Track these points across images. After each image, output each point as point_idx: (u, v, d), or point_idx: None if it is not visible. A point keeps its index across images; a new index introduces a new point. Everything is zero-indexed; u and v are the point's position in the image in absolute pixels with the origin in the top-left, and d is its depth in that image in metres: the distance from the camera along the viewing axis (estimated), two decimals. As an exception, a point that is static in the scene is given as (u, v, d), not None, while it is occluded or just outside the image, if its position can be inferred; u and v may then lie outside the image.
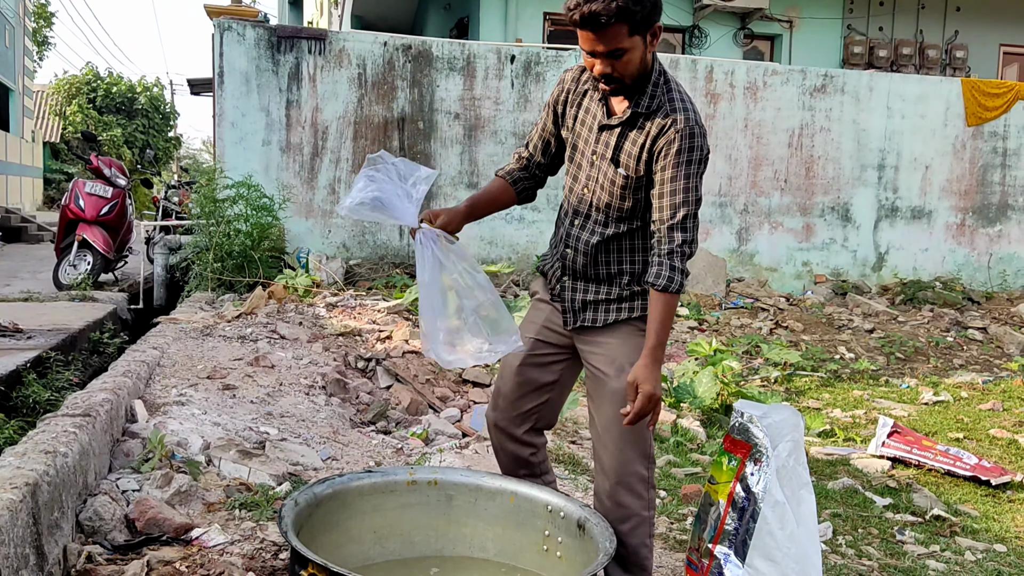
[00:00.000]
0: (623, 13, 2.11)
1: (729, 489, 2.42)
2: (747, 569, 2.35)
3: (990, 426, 5.63)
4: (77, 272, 8.67)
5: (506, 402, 2.59)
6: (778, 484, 2.35)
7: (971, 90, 10.63)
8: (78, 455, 2.80)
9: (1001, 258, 10.90)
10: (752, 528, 2.35)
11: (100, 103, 24.90)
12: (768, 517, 2.33)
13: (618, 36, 2.15)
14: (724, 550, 2.40)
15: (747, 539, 2.35)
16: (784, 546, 2.32)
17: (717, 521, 2.44)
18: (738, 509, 2.39)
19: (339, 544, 2.43)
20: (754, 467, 2.39)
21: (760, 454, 2.39)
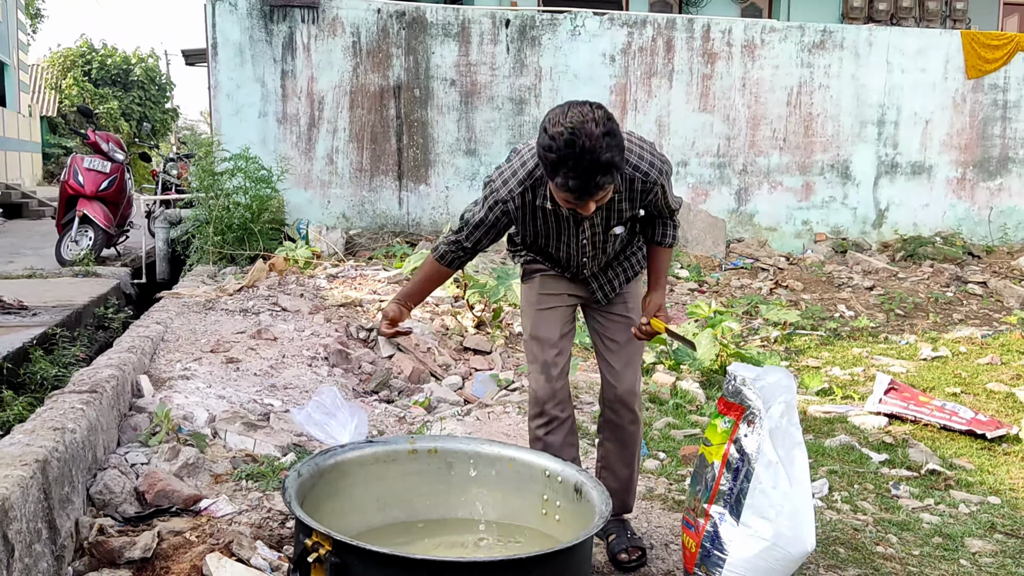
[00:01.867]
0: (613, 178, 2.21)
1: (723, 451, 2.48)
2: (742, 527, 2.41)
3: (988, 380, 5.68)
4: (79, 248, 8.71)
5: (559, 369, 2.74)
6: (771, 444, 2.41)
7: (971, 42, 10.53)
8: (86, 431, 2.86)
9: (1002, 211, 10.89)
10: (746, 488, 2.41)
11: (95, 76, 24.74)
12: (762, 477, 2.39)
13: (608, 190, 2.26)
14: (719, 509, 2.46)
15: (741, 498, 2.41)
16: (778, 504, 2.38)
17: (712, 481, 2.49)
18: (732, 470, 2.44)
19: (343, 512, 2.50)
20: (747, 428, 2.44)
21: (753, 416, 2.44)
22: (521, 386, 4.81)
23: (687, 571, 2.58)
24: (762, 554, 2.39)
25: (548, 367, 2.72)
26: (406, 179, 9.35)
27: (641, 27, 9.71)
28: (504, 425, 4.07)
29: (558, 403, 2.74)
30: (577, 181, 2.15)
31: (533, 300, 2.77)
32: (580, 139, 2.11)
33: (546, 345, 2.73)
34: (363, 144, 9.21)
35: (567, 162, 2.13)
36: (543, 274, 2.77)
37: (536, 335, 2.75)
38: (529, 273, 2.81)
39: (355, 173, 9.22)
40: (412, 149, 9.32)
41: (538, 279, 2.78)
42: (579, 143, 2.11)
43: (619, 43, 9.66)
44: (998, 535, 3.28)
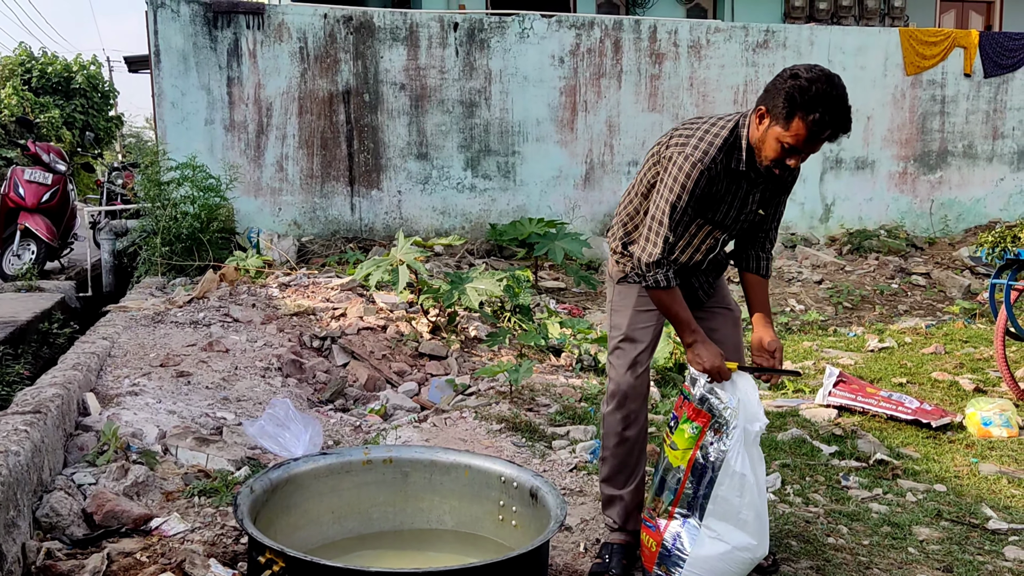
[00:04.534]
0: (848, 128, 2.45)
1: (690, 456, 2.52)
2: (704, 529, 2.46)
3: (932, 369, 5.83)
4: (21, 262, 8.49)
5: (644, 368, 2.80)
6: (740, 457, 2.47)
7: (909, 39, 10.80)
8: (31, 453, 2.79)
9: (942, 204, 11.18)
10: (709, 493, 2.48)
11: (36, 84, 24.12)
12: (725, 484, 2.46)
13: (820, 145, 2.46)
14: (683, 512, 2.52)
15: (704, 503, 2.48)
16: (740, 511, 2.47)
17: (677, 485, 2.53)
18: (697, 475, 2.50)
19: (297, 526, 2.48)
20: (714, 436, 2.50)
21: (720, 426, 2.49)
22: (478, 390, 4.81)
23: (646, 570, 2.61)
24: (722, 556, 2.46)
25: (636, 365, 2.78)
26: (358, 184, 9.28)
27: (589, 29, 9.77)
28: (461, 430, 4.06)
29: (640, 398, 2.80)
30: (834, 116, 2.37)
31: (632, 300, 2.81)
32: (837, 82, 2.40)
33: (639, 343, 2.79)
34: (313, 150, 9.12)
35: (828, 99, 2.36)
36: (624, 282, 2.84)
37: (631, 334, 2.80)
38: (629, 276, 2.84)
39: (306, 180, 9.13)
40: (363, 154, 9.26)
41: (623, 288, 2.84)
42: (837, 84, 2.39)
43: (567, 45, 9.71)
44: (944, 522, 3.37)
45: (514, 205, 9.65)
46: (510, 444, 3.87)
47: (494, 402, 4.48)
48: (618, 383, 2.79)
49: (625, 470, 2.83)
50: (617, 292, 2.88)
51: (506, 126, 9.60)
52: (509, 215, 9.59)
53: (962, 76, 11.03)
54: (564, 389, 4.88)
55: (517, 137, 9.63)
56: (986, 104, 11.16)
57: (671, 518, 2.53)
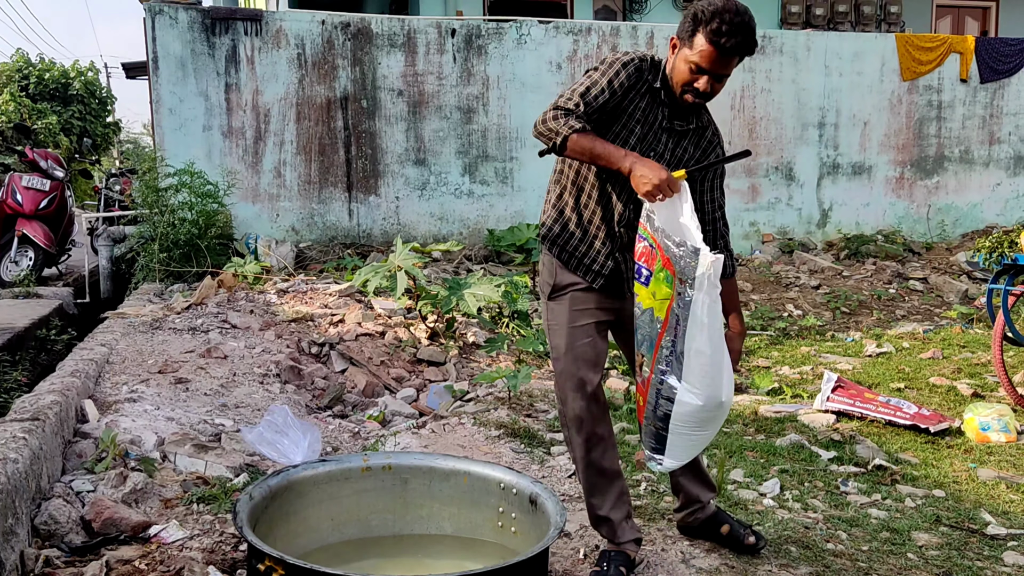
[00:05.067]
0: (751, 53, 2.48)
1: (667, 307, 2.41)
2: (684, 383, 2.39)
3: (930, 374, 5.84)
4: (19, 269, 8.48)
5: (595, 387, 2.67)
6: (702, 308, 2.35)
7: (905, 45, 10.84)
8: (29, 460, 2.79)
9: (939, 209, 11.20)
10: (682, 347, 2.38)
11: (33, 90, 24.12)
12: (696, 338, 2.36)
13: (731, 65, 2.47)
14: (663, 367, 2.44)
15: (681, 357, 2.39)
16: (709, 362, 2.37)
17: (655, 336, 2.45)
18: (672, 329, 2.40)
19: (297, 533, 2.48)
20: (680, 285, 2.38)
21: (684, 276, 2.37)
22: (476, 396, 4.81)
23: (639, 423, 2.60)
24: (701, 408, 2.39)
25: (585, 385, 2.63)
26: (355, 190, 9.29)
27: (586, 35, 9.79)
28: (460, 436, 4.06)
29: (595, 419, 2.67)
30: (733, 28, 2.38)
31: (564, 318, 2.67)
32: (739, 3, 2.43)
33: (582, 361, 2.64)
34: (311, 156, 9.13)
35: (727, 13, 2.39)
36: (574, 290, 2.68)
37: (572, 352, 2.65)
38: (558, 290, 2.70)
39: (304, 185, 9.13)
40: (361, 160, 9.27)
41: (568, 297, 2.69)
42: (739, 4, 2.43)
43: (565, 51, 9.73)
44: (943, 528, 3.37)
45: (512, 211, 9.66)
46: (509, 450, 3.86)
47: (493, 408, 4.48)
48: (571, 408, 2.66)
49: (600, 490, 2.73)
50: (548, 310, 2.73)
51: (504, 132, 9.61)
52: (507, 221, 9.60)
53: (958, 81, 11.07)
54: (562, 395, 4.87)
55: (515, 143, 9.64)
56: (982, 109, 11.20)
57: (652, 371, 2.45)
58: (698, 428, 2.44)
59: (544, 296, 2.76)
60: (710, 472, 3.80)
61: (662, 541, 3.00)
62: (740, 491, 3.62)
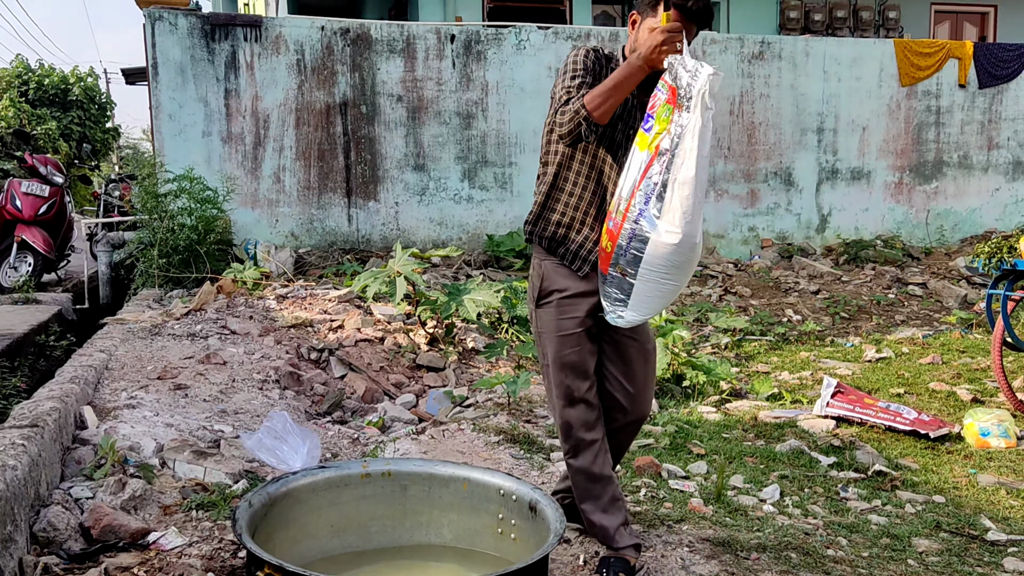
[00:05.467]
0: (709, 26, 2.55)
1: (658, 138, 2.37)
2: (662, 222, 2.34)
3: (930, 380, 5.84)
4: (18, 274, 8.48)
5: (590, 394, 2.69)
6: (697, 131, 2.31)
7: (903, 50, 10.86)
8: (28, 467, 2.78)
9: (938, 214, 11.22)
10: (667, 179, 2.34)
11: (32, 96, 24.14)
12: (684, 165, 2.32)
13: (693, 35, 2.50)
14: (640, 205, 2.38)
15: (663, 190, 2.34)
16: (690, 199, 2.32)
17: (640, 172, 2.40)
18: (660, 160, 2.35)
19: (296, 540, 2.47)
20: (677, 114, 2.35)
21: (682, 96, 2.34)
22: (476, 402, 4.81)
23: (602, 272, 2.54)
24: (676, 250, 2.34)
25: (571, 392, 2.66)
26: (355, 196, 9.29)
27: (585, 40, 9.81)
28: (459, 442, 4.05)
29: (587, 426, 2.69)
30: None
31: (552, 326, 2.69)
32: None
33: (572, 370, 2.66)
34: (310, 162, 9.13)
35: None
36: (560, 297, 2.69)
37: (562, 361, 2.67)
38: (544, 296, 2.72)
39: (303, 191, 9.14)
40: (360, 165, 9.28)
41: (555, 304, 2.69)
42: None
43: (564, 56, 9.73)
44: (943, 534, 3.36)
45: (511, 216, 9.66)
46: (508, 456, 3.86)
47: (492, 414, 4.47)
48: (560, 415, 2.69)
49: (592, 496, 2.74)
50: (536, 317, 2.74)
51: (503, 137, 9.62)
52: (506, 226, 9.61)
53: (957, 87, 11.09)
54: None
55: (514, 148, 9.65)
56: (981, 115, 11.22)
57: (625, 218, 2.40)
58: (668, 275, 2.38)
59: (533, 304, 2.78)
60: (710, 478, 3.80)
61: (662, 547, 2.99)
62: (740, 497, 3.62)
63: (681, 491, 3.62)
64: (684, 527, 3.20)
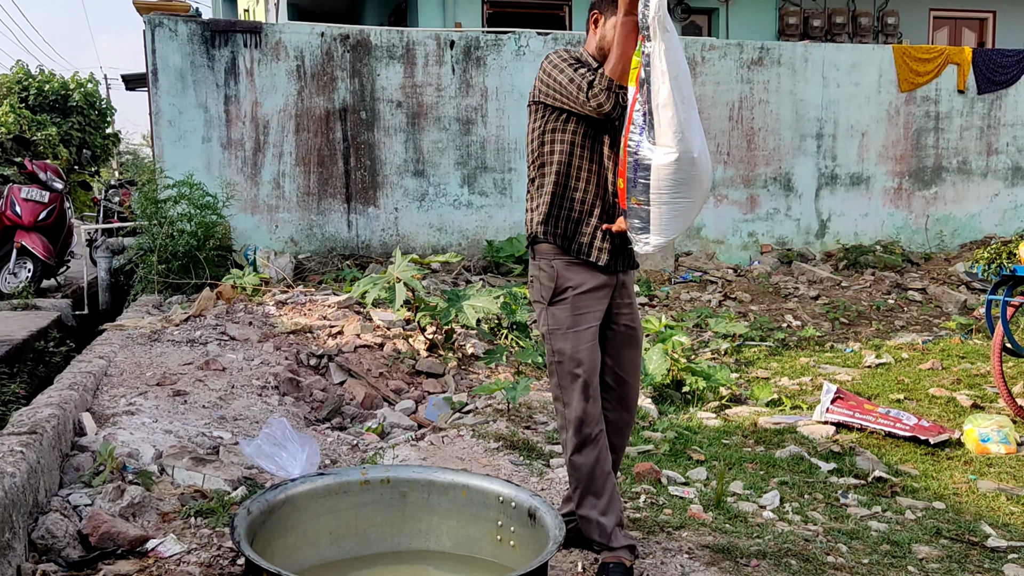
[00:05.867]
0: None
1: (637, 73, 2.47)
2: (658, 147, 2.45)
3: (929, 385, 5.83)
4: (18, 280, 8.48)
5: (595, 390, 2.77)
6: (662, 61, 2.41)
7: (902, 56, 10.87)
8: (26, 474, 2.78)
9: (938, 219, 11.22)
10: (650, 108, 2.43)
11: (33, 102, 24.16)
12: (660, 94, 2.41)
13: None
14: (636, 137, 2.48)
15: (650, 119, 2.44)
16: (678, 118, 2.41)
17: (628, 107, 2.52)
18: (643, 92, 2.44)
19: (295, 547, 2.47)
20: (643, 45, 2.45)
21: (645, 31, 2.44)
22: (475, 408, 4.80)
23: (621, 207, 2.65)
24: (676, 167, 2.44)
25: (589, 388, 2.74)
26: (354, 201, 9.30)
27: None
28: (458, 449, 4.05)
29: (597, 421, 2.78)
30: None
31: (568, 322, 2.75)
32: None
33: (586, 366, 2.74)
34: (310, 167, 9.14)
35: None
36: (574, 293, 2.76)
37: (578, 357, 2.73)
38: (559, 293, 2.77)
39: (303, 197, 9.14)
40: (360, 171, 9.28)
41: (570, 301, 2.76)
42: None
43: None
44: (944, 540, 3.36)
45: (511, 222, 9.67)
46: (508, 462, 3.85)
47: (491, 420, 4.47)
48: (574, 410, 2.73)
49: (595, 492, 2.78)
50: (550, 315, 2.79)
51: (502, 143, 9.63)
52: (506, 232, 9.61)
53: (956, 93, 11.10)
54: (562, 407, 4.87)
55: (513, 154, 9.66)
56: (980, 120, 11.23)
57: (626, 152, 2.52)
58: (678, 193, 2.48)
59: (544, 303, 2.81)
60: (709, 484, 3.80)
61: (662, 554, 2.99)
62: (740, 503, 3.61)
63: (681, 497, 3.62)
64: (684, 533, 3.20)
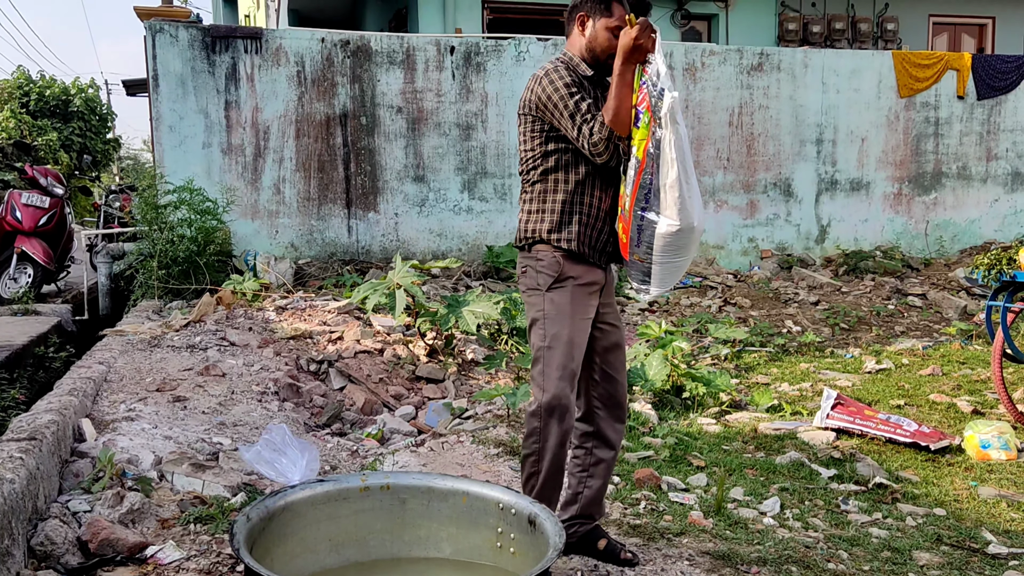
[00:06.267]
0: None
1: (644, 145, 2.60)
2: (662, 217, 2.60)
3: (930, 391, 5.83)
4: (18, 286, 8.48)
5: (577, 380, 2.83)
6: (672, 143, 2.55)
7: (902, 62, 10.89)
8: (25, 480, 2.78)
9: (937, 225, 11.22)
10: (657, 181, 2.58)
11: (34, 107, 24.19)
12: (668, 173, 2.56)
13: None
14: (642, 203, 2.63)
15: (657, 191, 2.59)
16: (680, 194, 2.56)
17: (635, 172, 2.63)
18: (650, 164, 2.58)
19: (294, 555, 2.46)
20: (655, 126, 2.57)
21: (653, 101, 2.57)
22: (475, 414, 4.80)
23: (623, 258, 2.79)
24: (678, 235, 2.59)
25: (574, 375, 2.78)
26: (355, 207, 9.30)
27: (584, 52, 9.83)
28: (459, 455, 4.04)
29: (572, 412, 2.82)
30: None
31: (567, 309, 2.78)
32: None
33: (577, 352, 2.78)
34: (310, 173, 9.15)
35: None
36: (575, 284, 2.79)
37: (572, 341, 2.77)
38: (560, 280, 2.80)
39: (303, 202, 9.15)
40: (360, 177, 9.29)
41: (570, 289, 2.79)
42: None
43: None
44: (944, 547, 3.35)
45: (511, 227, 9.67)
46: (508, 468, 3.85)
47: (491, 426, 4.46)
48: (555, 396, 2.74)
49: (556, 486, 2.84)
50: (547, 300, 2.81)
51: (502, 148, 9.64)
52: (506, 237, 9.61)
53: (955, 98, 11.11)
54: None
55: (513, 159, 9.66)
56: (979, 126, 11.24)
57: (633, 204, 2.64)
58: (678, 254, 2.66)
59: (541, 289, 2.82)
60: (710, 490, 3.79)
61: (662, 561, 2.98)
62: (740, 510, 3.61)
63: (681, 504, 3.61)
64: (684, 540, 3.19)
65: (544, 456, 2.79)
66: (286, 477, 3.45)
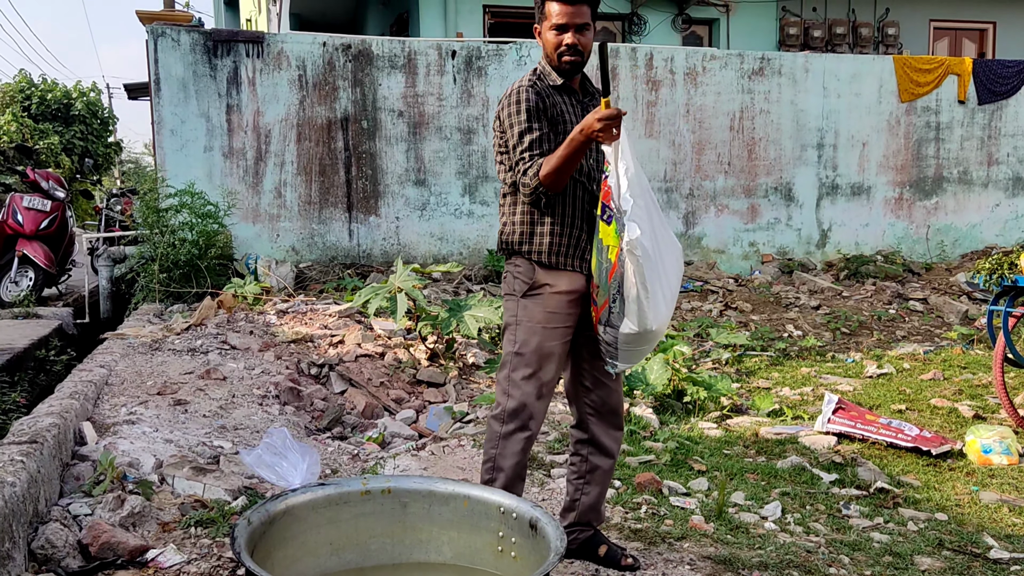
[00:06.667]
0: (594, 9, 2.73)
1: (616, 251, 2.64)
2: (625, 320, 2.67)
3: (931, 396, 5.82)
4: (19, 289, 8.49)
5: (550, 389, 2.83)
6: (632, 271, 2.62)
7: (903, 67, 10.90)
8: (26, 483, 2.77)
9: (939, 229, 11.22)
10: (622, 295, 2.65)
11: (35, 111, 24.22)
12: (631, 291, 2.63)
13: (584, 14, 2.70)
14: (612, 304, 2.69)
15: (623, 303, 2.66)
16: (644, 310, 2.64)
17: (607, 274, 2.68)
18: (618, 276, 2.65)
19: (295, 559, 2.45)
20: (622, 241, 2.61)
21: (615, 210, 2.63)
22: (476, 417, 4.79)
23: (596, 334, 2.81)
24: (639, 336, 2.68)
25: (544, 385, 2.78)
26: (356, 210, 9.31)
27: (586, 56, 9.83)
28: (459, 458, 4.04)
29: (540, 420, 2.81)
30: None
31: (540, 317, 2.77)
32: None
33: (547, 364, 2.77)
34: (311, 176, 9.15)
35: None
36: (550, 292, 2.77)
37: (540, 351, 2.76)
38: (535, 288, 2.78)
39: (304, 206, 9.15)
40: (361, 180, 9.30)
41: (544, 297, 2.77)
42: None
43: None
44: (946, 552, 3.35)
45: (512, 231, 9.65)
46: (509, 473, 3.84)
47: (492, 430, 4.45)
48: (523, 402, 2.76)
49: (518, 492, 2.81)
50: (521, 307, 2.81)
51: (504, 153, 9.63)
52: (507, 241, 9.60)
53: (956, 103, 11.12)
54: (562, 416, 4.86)
55: (515, 164, 9.65)
56: (980, 131, 11.25)
57: (605, 304, 2.70)
58: (641, 346, 2.74)
59: (516, 295, 2.82)
60: (711, 495, 3.78)
61: (663, 565, 2.98)
62: (741, 514, 3.60)
63: (682, 508, 3.61)
64: (685, 544, 3.19)
65: (503, 463, 2.78)
66: (287, 481, 3.45)
